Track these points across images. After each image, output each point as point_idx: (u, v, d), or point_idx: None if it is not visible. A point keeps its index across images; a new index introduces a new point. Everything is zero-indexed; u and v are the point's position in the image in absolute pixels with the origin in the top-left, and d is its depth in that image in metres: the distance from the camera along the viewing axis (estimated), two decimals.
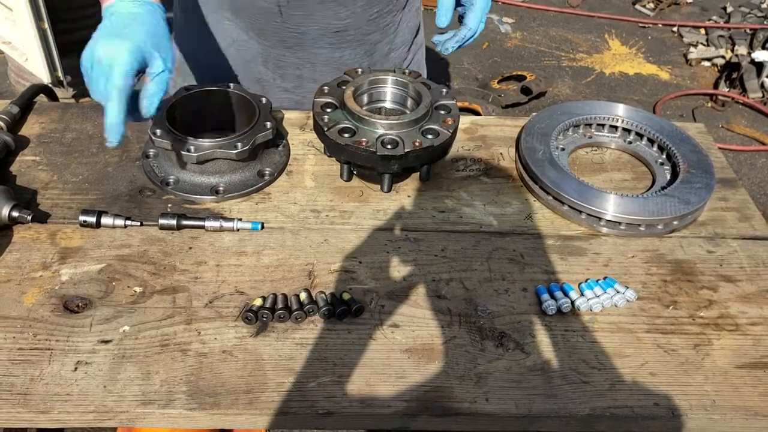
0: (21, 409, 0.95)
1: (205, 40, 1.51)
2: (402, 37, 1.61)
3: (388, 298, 1.13)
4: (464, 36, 1.38)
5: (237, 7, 1.45)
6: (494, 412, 0.98)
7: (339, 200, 1.32)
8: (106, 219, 1.21)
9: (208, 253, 1.19)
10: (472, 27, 1.38)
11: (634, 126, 1.49)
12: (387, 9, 1.50)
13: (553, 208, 1.33)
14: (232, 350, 1.04)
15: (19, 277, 1.12)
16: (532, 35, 5.01)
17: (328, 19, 1.44)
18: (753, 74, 4.34)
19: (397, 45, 1.61)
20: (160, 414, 0.96)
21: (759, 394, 1.02)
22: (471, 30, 1.38)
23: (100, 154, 1.38)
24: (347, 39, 1.50)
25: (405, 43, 1.63)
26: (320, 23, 1.44)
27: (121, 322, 1.06)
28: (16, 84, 3.78)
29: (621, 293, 1.15)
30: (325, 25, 1.45)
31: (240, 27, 1.48)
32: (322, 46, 1.49)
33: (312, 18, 1.43)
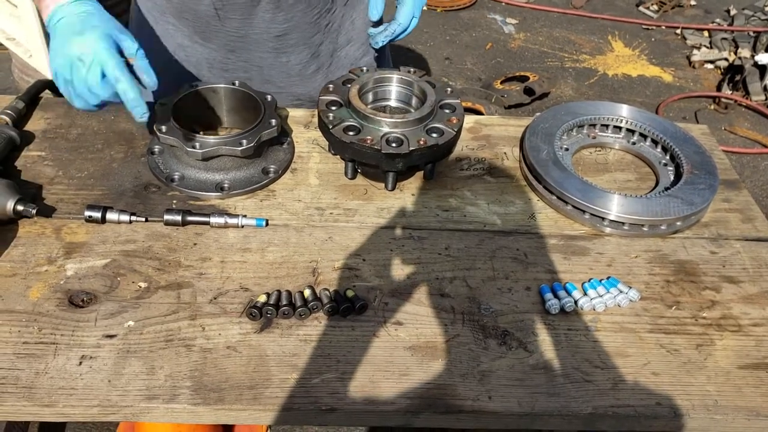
0: (26, 402, 0.95)
1: (156, 47, 1.48)
2: (347, 35, 1.54)
3: (392, 296, 1.13)
4: (394, 30, 1.42)
5: (178, 13, 1.42)
6: (497, 410, 0.99)
7: (343, 198, 1.33)
8: (111, 214, 1.21)
9: (213, 249, 1.19)
10: (402, 22, 1.41)
11: (638, 127, 1.49)
12: (326, 8, 1.45)
13: (556, 207, 1.33)
14: (236, 346, 1.04)
15: (24, 272, 1.12)
16: (535, 36, 5.01)
17: (267, 23, 1.40)
18: (756, 77, 4.33)
19: (342, 43, 1.55)
20: (164, 409, 0.97)
21: (761, 395, 1.03)
22: (401, 25, 1.41)
23: (106, 150, 1.39)
24: (290, 43, 1.46)
25: (353, 41, 1.56)
26: (259, 27, 1.41)
27: (126, 317, 1.07)
28: (20, 80, 3.79)
29: (624, 293, 1.15)
30: (265, 29, 1.41)
31: (184, 33, 1.46)
32: (266, 50, 1.46)
33: (250, 22, 1.40)
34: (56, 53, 1.09)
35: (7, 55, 3.83)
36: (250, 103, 1.39)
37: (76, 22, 1.10)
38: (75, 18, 1.10)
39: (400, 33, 1.43)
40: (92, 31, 1.08)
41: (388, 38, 1.44)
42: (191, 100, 1.38)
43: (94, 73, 1.07)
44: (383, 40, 1.44)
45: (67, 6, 1.11)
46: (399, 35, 1.44)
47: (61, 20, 1.11)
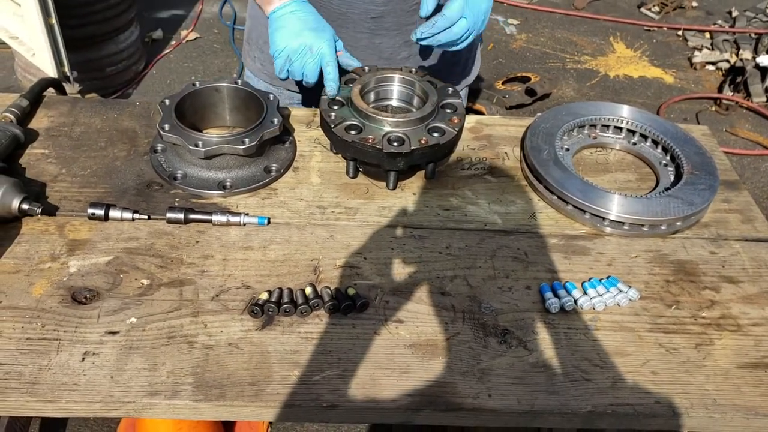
0: (29, 397, 0.96)
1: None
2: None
3: (393, 294, 1.14)
4: (436, 23, 1.29)
5: None
6: (497, 407, 0.99)
7: (345, 197, 1.33)
8: (114, 212, 1.22)
9: (215, 247, 1.20)
10: (449, 15, 1.29)
11: (638, 127, 1.50)
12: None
13: (557, 207, 1.33)
14: (238, 343, 1.05)
15: (27, 268, 1.13)
16: (537, 37, 5.02)
17: (366, 4, 1.48)
18: (757, 78, 4.34)
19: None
20: (166, 405, 0.97)
21: (760, 394, 1.03)
22: (447, 18, 1.29)
23: (109, 148, 1.40)
24: (385, 26, 1.52)
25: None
26: (358, 7, 1.48)
27: (129, 313, 1.07)
28: (23, 79, 3.80)
29: (624, 292, 1.16)
30: (363, 9, 1.49)
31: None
32: (361, 31, 1.52)
33: (350, 1, 1.47)
34: (290, 37, 1.34)
35: (10, 53, 3.84)
36: (252, 101, 1.39)
37: (311, 19, 1.36)
38: (310, 15, 1.37)
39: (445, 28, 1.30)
40: (324, 30, 1.36)
41: (430, 31, 1.30)
42: (194, 98, 1.39)
43: (315, 62, 1.34)
44: (422, 32, 1.31)
45: (298, 2, 1.37)
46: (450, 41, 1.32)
47: (296, 12, 1.36)
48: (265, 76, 1.69)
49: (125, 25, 3.83)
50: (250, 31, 1.71)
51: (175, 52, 4.48)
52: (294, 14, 1.36)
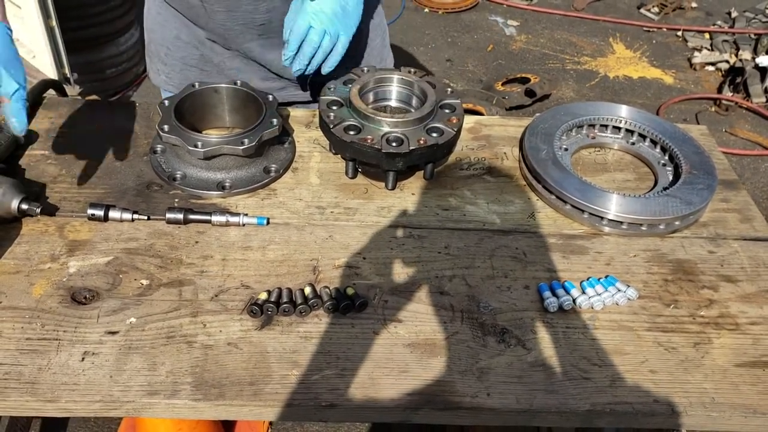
0: (29, 397, 0.96)
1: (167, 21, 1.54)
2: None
3: (392, 294, 1.14)
4: (288, 44, 1.31)
5: (174, 3, 1.49)
6: (495, 406, 0.99)
7: (344, 197, 1.34)
8: (114, 213, 1.22)
9: (214, 247, 1.20)
10: (296, 31, 1.30)
11: (637, 127, 1.50)
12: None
13: (555, 207, 1.34)
14: (237, 343, 1.05)
15: (27, 269, 1.14)
16: (536, 38, 5.03)
17: (250, 14, 1.43)
18: (757, 79, 4.34)
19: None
20: (166, 404, 0.98)
21: (758, 393, 1.03)
22: (295, 35, 1.30)
23: (108, 149, 1.40)
24: (273, 29, 1.46)
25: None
26: (243, 18, 1.43)
27: (128, 313, 1.08)
28: None
29: (622, 291, 1.16)
30: (250, 19, 1.43)
31: (181, 19, 1.53)
32: (251, 40, 1.49)
33: (234, 15, 1.43)
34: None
35: None
36: (251, 102, 1.40)
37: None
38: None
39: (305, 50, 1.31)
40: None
41: (289, 53, 1.32)
42: (193, 99, 1.39)
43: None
44: (286, 55, 1.33)
45: None
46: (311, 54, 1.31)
47: None
48: (172, 87, 1.62)
49: (125, 27, 3.83)
50: (148, 45, 1.65)
51: None
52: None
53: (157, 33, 1.59)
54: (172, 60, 1.60)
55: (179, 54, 1.58)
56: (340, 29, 1.32)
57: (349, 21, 1.32)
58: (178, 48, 1.57)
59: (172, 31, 1.55)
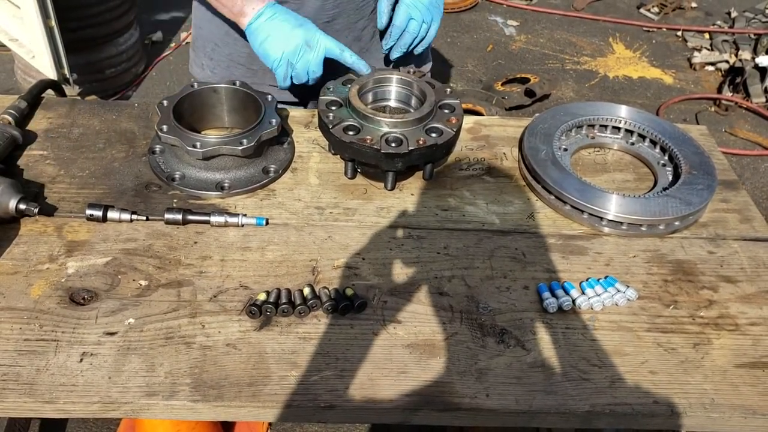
0: (27, 398, 0.96)
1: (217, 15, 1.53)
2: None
3: (391, 295, 1.14)
4: (390, 34, 1.45)
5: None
6: (494, 407, 0.99)
7: (343, 197, 1.33)
8: (113, 213, 1.22)
9: (213, 248, 1.20)
10: (398, 24, 1.43)
11: (636, 127, 1.50)
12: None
13: (555, 207, 1.34)
14: (236, 344, 1.05)
15: (26, 270, 1.13)
16: (536, 38, 5.02)
17: (316, 10, 1.47)
18: (756, 79, 4.34)
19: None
20: (164, 405, 0.97)
21: (758, 393, 1.03)
22: (397, 27, 1.44)
23: (107, 150, 1.40)
24: (336, 28, 1.51)
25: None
26: (309, 14, 1.45)
27: (127, 314, 1.07)
28: (22, 81, 3.81)
29: (622, 292, 1.16)
30: (315, 16, 1.46)
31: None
32: None
33: (302, 10, 1.45)
34: (282, 42, 1.33)
35: (10, 56, 3.85)
36: (250, 102, 1.39)
37: (292, 18, 1.35)
38: (289, 15, 1.35)
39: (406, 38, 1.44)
40: (308, 23, 1.36)
41: (390, 43, 1.46)
42: (192, 99, 1.39)
43: (318, 55, 1.34)
44: (386, 45, 1.48)
45: (272, 6, 1.34)
46: (410, 43, 1.45)
47: (275, 17, 1.34)
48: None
49: (125, 28, 3.83)
50: (195, 39, 1.67)
51: (174, 54, 4.49)
52: (273, 19, 1.34)
53: (206, 29, 1.60)
54: (218, 56, 1.61)
55: (227, 50, 1.58)
56: (434, 17, 1.46)
57: (439, 9, 1.47)
58: (226, 44, 1.57)
59: (221, 27, 1.54)
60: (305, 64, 1.35)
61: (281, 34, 1.33)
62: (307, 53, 1.34)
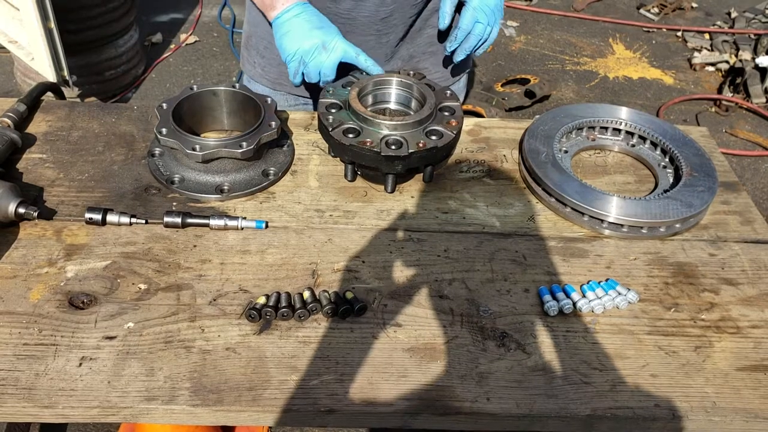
0: (26, 403, 0.95)
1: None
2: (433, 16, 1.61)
3: (391, 298, 1.14)
4: (456, 38, 1.46)
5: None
6: (495, 411, 0.99)
7: (343, 200, 1.33)
8: (112, 216, 1.22)
9: (213, 251, 1.20)
10: (463, 27, 1.44)
11: (637, 129, 1.49)
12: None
13: (555, 210, 1.33)
14: (236, 348, 1.04)
15: (25, 273, 1.13)
16: (536, 39, 5.02)
17: (376, 6, 1.49)
18: (757, 79, 4.34)
19: (432, 23, 1.62)
20: (164, 410, 0.97)
21: (759, 397, 1.03)
22: (463, 30, 1.44)
23: (106, 153, 1.39)
24: (392, 23, 1.54)
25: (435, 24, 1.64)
26: (369, 10, 1.49)
27: (126, 318, 1.07)
28: (22, 83, 3.81)
29: (623, 295, 1.15)
30: (374, 11, 1.49)
31: None
32: (370, 33, 1.53)
33: (362, 4, 1.48)
34: (300, 39, 1.35)
35: (10, 57, 3.85)
36: (250, 105, 1.39)
37: (316, 20, 1.37)
38: (314, 17, 1.37)
39: (471, 41, 1.44)
40: (331, 27, 1.38)
41: (455, 45, 1.47)
42: (191, 102, 1.38)
43: (332, 59, 1.36)
44: (450, 47, 1.48)
45: (301, 5, 1.37)
46: (475, 46, 1.46)
47: (300, 15, 1.37)
48: (266, 80, 1.69)
49: (124, 29, 3.83)
50: (249, 37, 1.71)
51: (174, 55, 4.49)
52: (299, 17, 1.36)
53: (261, 27, 1.61)
54: (271, 54, 1.63)
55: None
56: (497, 19, 1.48)
57: (501, 12, 1.49)
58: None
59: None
60: (318, 65, 1.36)
61: (300, 31, 1.35)
62: (321, 54, 1.35)
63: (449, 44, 1.48)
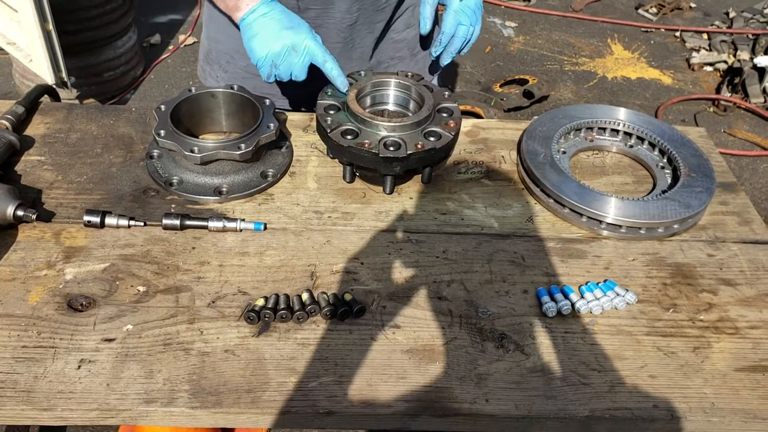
0: (25, 406, 0.95)
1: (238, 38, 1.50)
2: (405, 19, 1.60)
3: (390, 299, 1.14)
4: (440, 41, 1.44)
5: None
6: (494, 413, 0.99)
7: (341, 202, 1.33)
8: (110, 219, 1.22)
9: (211, 253, 1.20)
10: (446, 30, 1.43)
11: (635, 130, 1.49)
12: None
13: (554, 210, 1.33)
14: (235, 350, 1.04)
15: (23, 276, 1.13)
16: (534, 39, 5.02)
17: (342, 13, 1.47)
18: (755, 79, 4.34)
19: (399, 26, 1.60)
20: (163, 412, 0.97)
21: (758, 397, 1.03)
22: (446, 35, 1.43)
23: (105, 155, 1.39)
24: (358, 29, 1.52)
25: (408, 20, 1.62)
26: (335, 17, 1.47)
27: (125, 320, 1.07)
28: (20, 85, 3.80)
29: (621, 296, 1.15)
30: (340, 18, 1.47)
31: None
32: (336, 41, 1.52)
33: (327, 11, 1.46)
34: (269, 42, 1.29)
35: (8, 59, 3.85)
36: (248, 107, 1.39)
37: (285, 19, 1.31)
38: (282, 15, 1.31)
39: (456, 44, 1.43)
40: (301, 26, 1.31)
41: (440, 49, 1.45)
42: (190, 104, 1.38)
43: (303, 60, 1.31)
44: (436, 52, 1.46)
45: (268, 3, 1.31)
46: (458, 47, 1.44)
47: (267, 14, 1.30)
48: None
49: (123, 31, 3.83)
50: (208, 52, 1.66)
51: (173, 56, 4.49)
52: (266, 17, 1.31)
53: (222, 42, 1.59)
54: (234, 68, 1.60)
55: (243, 63, 1.56)
56: (478, 18, 1.46)
57: (480, 10, 1.48)
58: (243, 57, 1.52)
59: (238, 40, 1.51)
60: (289, 67, 1.32)
61: (269, 33, 1.29)
62: (292, 57, 1.30)
63: (434, 49, 1.47)
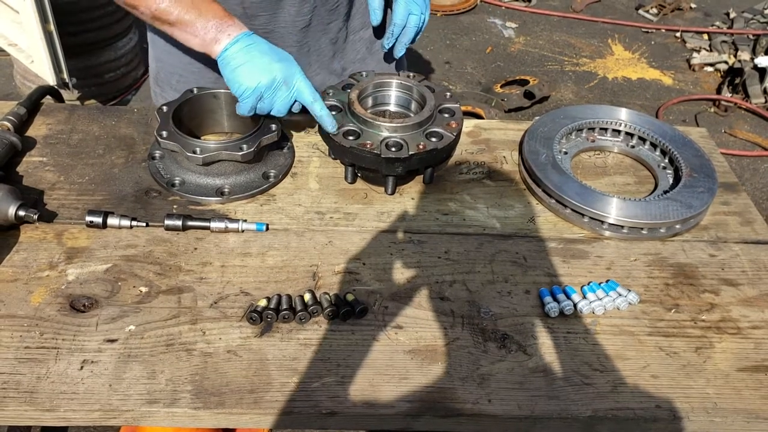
0: (27, 407, 0.95)
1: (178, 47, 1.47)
2: (361, 17, 1.56)
3: (392, 300, 1.14)
4: (392, 33, 1.45)
5: None
6: (497, 413, 0.99)
7: (343, 202, 1.33)
8: (113, 219, 1.22)
9: (213, 253, 1.20)
10: (398, 22, 1.43)
11: (636, 130, 1.50)
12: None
13: (555, 211, 1.33)
14: (237, 350, 1.04)
15: (26, 277, 1.13)
16: (535, 40, 5.02)
17: (292, 17, 1.43)
18: (756, 80, 4.34)
19: (356, 26, 1.56)
20: (165, 413, 0.97)
21: (760, 397, 1.03)
22: (398, 25, 1.44)
23: (107, 156, 1.40)
24: (312, 33, 1.48)
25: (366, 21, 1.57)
26: (285, 21, 1.43)
27: (127, 321, 1.07)
28: (21, 86, 3.81)
29: (623, 296, 1.15)
30: (291, 22, 1.43)
31: None
32: (290, 45, 1.46)
33: (276, 17, 1.42)
34: (259, 73, 1.22)
35: (9, 60, 3.85)
36: None
37: (271, 50, 1.25)
38: (266, 46, 1.25)
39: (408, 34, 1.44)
40: (290, 60, 1.26)
41: (392, 41, 1.46)
42: (192, 105, 1.38)
43: (289, 97, 1.26)
44: (388, 44, 1.48)
45: (249, 36, 1.25)
46: (411, 38, 1.46)
47: (253, 46, 1.24)
48: None
49: (124, 32, 3.83)
50: (157, 73, 1.61)
51: None
52: (251, 48, 1.23)
53: (166, 61, 1.55)
54: (184, 86, 1.52)
55: (192, 78, 1.53)
56: (427, 6, 1.46)
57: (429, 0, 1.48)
58: (191, 73, 1.53)
59: (183, 58, 1.50)
60: (273, 101, 1.26)
61: (260, 64, 1.23)
62: (281, 91, 1.25)
63: (386, 41, 1.47)
